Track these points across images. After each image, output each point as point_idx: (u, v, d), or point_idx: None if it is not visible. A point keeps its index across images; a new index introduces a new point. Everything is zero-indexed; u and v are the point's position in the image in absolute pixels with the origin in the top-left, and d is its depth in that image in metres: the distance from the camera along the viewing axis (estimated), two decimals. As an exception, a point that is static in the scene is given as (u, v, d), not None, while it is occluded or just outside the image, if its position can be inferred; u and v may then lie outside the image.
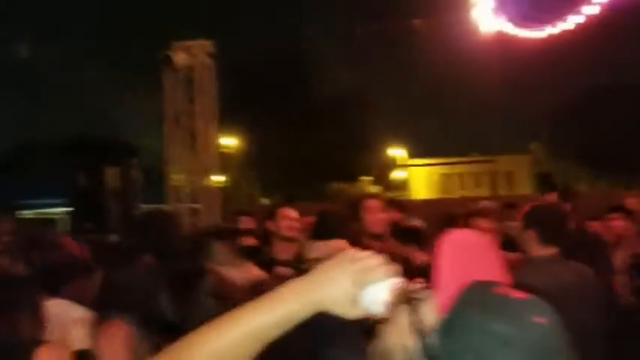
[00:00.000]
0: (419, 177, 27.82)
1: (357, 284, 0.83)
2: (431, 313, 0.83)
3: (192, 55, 7.76)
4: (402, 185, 27.77)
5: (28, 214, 8.25)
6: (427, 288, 0.85)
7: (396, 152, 29.19)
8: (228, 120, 10.56)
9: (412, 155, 28.69)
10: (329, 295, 0.84)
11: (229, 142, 22.21)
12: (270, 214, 3.54)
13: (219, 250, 2.46)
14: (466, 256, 0.86)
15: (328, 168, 25.34)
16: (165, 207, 9.29)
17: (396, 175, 29.18)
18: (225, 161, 11.52)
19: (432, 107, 28.31)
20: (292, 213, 3.52)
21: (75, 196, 8.02)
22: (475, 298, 0.79)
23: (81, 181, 7.71)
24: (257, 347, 0.86)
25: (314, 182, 25.78)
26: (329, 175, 25.96)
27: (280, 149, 25.45)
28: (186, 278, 2.10)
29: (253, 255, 3.29)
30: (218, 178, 9.68)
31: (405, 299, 0.83)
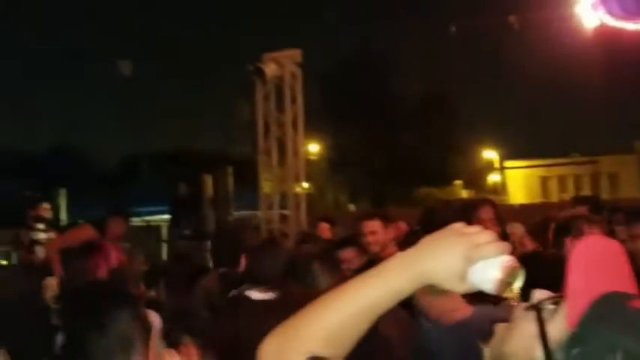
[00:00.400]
0: (515, 180, 26.51)
1: (467, 259, 0.81)
2: (559, 324, 0.78)
3: (281, 65, 7.96)
4: (498, 189, 26.59)
5: (136, 221, 8.84)
6: (556, 297, 0.80)
7: (490, 154, 28.03)
8: (312, 126, 10.76)
9: (507, 157, 27.41)
10: (438, 269, 0.82)
11: (314, 148, 22.55)
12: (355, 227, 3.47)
13: (321, 273, 2.37)
14: (599, 266, 0.79)
15: (417, 172, 24.88)
16: (257, 213, 9.62)
17: (491, 178, 28.00)
18: (310, 168, 11.71)
19: (528, 106, 26.94)
20: (374, 225, 3.41)
21: (175, 204, 8.46)
22: (607, 312, 0.74)
23: (181, 189, 8.13)
24: (369, 322, 0.84)
25: (402, 187, 25.44)
26: (418, 180, 25.48)
27: (367, 154, 25.40)
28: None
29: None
30: (305, 185, 9.85)
31: (532, 307, 0.80)
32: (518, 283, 0.83)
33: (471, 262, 0.82)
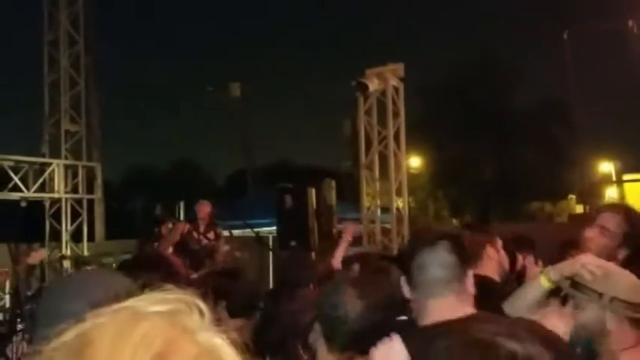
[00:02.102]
0: (635, 194, 24.13)
1: None
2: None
3: (383, 79, 8.05)
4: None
5: (246, 232, 9.27)
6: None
7: (606, 166, 25.83)
8: (414, 140, 10.66)
9: (625, 170, 25.07)
10: None
11: (415, 162, 22.24)
12: None
13: None
14: None
15: (526, 186, 23.57)
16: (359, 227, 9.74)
17: (608, 192, 25.76)
18: (411, 182, 11.59)
19: (648, 115, 24.50)
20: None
21: (281, 216, 8.78)
22: None
23: (287, 202, 8.43)
24: None
25: (508, 201, 24.24)
26: (527, 194, 24.13)
27: (473, 167, 24.55)
28: None
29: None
30: (406, 199, 9.81)
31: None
32: None
33: None
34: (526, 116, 25.57)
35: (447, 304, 1.54)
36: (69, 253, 8.81)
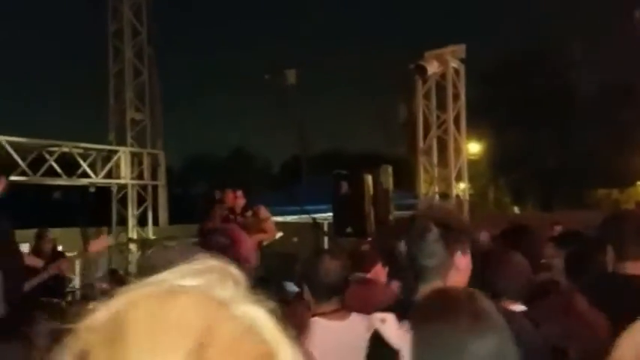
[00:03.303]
0: None
1: None
2: None
3: (443, 61, 7.83)
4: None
5: (303, 218, 9.33)
6: None
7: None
8: (473, 125, 10.33)
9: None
10: None
11: (474, 148, 21.59)
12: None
13: None
14: None
15: (592, 172, 22.44)
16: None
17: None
18: (471, 168, 11.26)
19: None
20: None
21: (337, 203, 8.75)
22: None
23: (342, 188, 8.39)
24: None
25: (573, 188, 23.18)
26: (593, 180, 22.98)
27: (536, 153, 23.60)
28: None
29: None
30: (465, 186, 9.55)
31: None
32: None
33: None
34: (591, 100, 24.28)
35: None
36: (135, 236, 9.18)
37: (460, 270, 1.69)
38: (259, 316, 0.50)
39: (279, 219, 11.31)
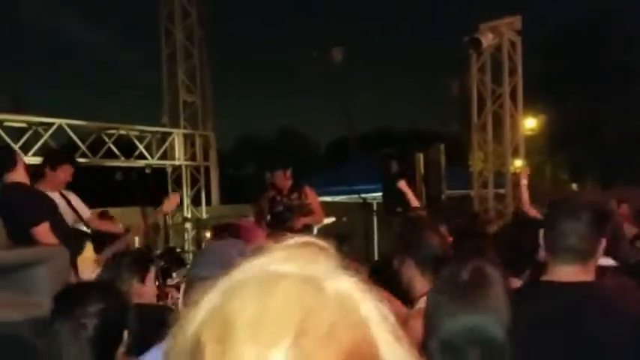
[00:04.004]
0: None
1: None
2: None
3: (499, 33, 7.50)
4: None
5: (353, 198, 9.30)
6: None
7: None
8: (529, 99, 9.90)
9: None
10: None
11: (531, 123, 20.76)
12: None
13: None
14: None
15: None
16: (469, 192, 9.36)
17: None
18: (527, 144, 10.86)
19: None
20: None
21: (386, 183, 8.66)
22: None
23: (392, 167, 8.29)
24: None
25: (634, 164, 21.97)
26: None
27: (595, 128, 22.49)
28: None
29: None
30: (521, 162, 9.22)
31: None
32: None
33: None
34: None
35: (571, 270, 1.68)
36: (190, 216, 9.42)
37: (597, 257, 1.70)
38: (350, 289, 0.52)
39: (328, 199, 11.35)
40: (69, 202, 4.33)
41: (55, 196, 4.22)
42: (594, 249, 1.67)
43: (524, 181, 4.83)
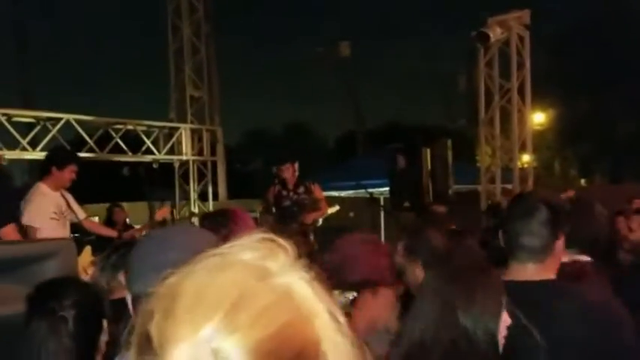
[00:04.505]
0: None
1: None
2: None
3: (507, 27, 7.45)
4: None
5: (359, 193, 9.28)
6: None
7: None
8: (537, 94, 9.84)
9: None
10: None
11: (539, 118, 20.61)
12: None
13: None
14: None
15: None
16: (477, 188, 9.32)
17: None
18: (535, 139, 10.80)
19: None
20: None
21: (394, 177, 8.65)
22: None
23: (400, 162, 8.27)
24: None
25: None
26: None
27: (603, 124, 22.30)
28: None
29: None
30: (529, 157, 9.18)
31: None
32: None
33: None
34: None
35: (529, 269, 1.66)
36: (197, 211, 9.46)
37: (556, 255, 1.66)
38: (299, 284, 0.56)
39: (335, 194, 11.36)
40: (68, 203, 4.37)
41: (57, 196, 4.26)
42: (550, 247, 1.65)
43: None
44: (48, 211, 4.21)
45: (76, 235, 4.78)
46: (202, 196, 9.56)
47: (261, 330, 0.51)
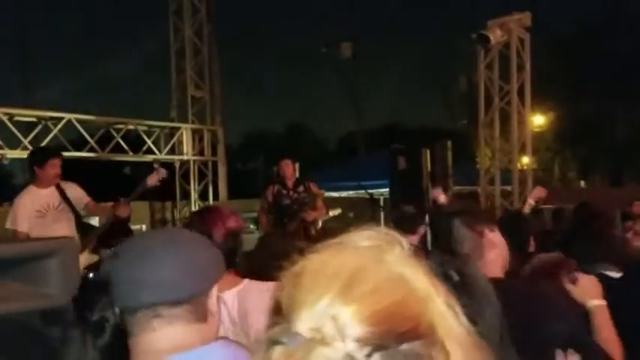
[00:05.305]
0: None
1: None
2: None
3: (507, 30, 7.47)
4: None
5: (360, 193, 9.30)
6: None
7: None
8: (536, 96, 9.86)
9: None
10: None
11: (539, 120, 20.63)
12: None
13: None
14: None
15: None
16: (476, 189, 9.34)
17: None
18: (535, 141, 10.81)
19: None
20: None
21: (394, 178, 8.67)
22: None
23: (400, 163, 8.28)
24: None
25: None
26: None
27: (604, 126, 22.31)
28: None
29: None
30: (529, 159, 9.20)
31: None
32: None
33: None
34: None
35: None
36: (197, 211, 9.48)
37: (496, 244, 1.79)
38: (413, 272, 0.60)
39: (335, 194, 11.39)
40: (64, 195, 4.33)
41: (47, 193, 4.26)
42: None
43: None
44: (32, 210, 4.21)
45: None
46: (203, 196, 9.59)
47: (375, 302, 0.57)
